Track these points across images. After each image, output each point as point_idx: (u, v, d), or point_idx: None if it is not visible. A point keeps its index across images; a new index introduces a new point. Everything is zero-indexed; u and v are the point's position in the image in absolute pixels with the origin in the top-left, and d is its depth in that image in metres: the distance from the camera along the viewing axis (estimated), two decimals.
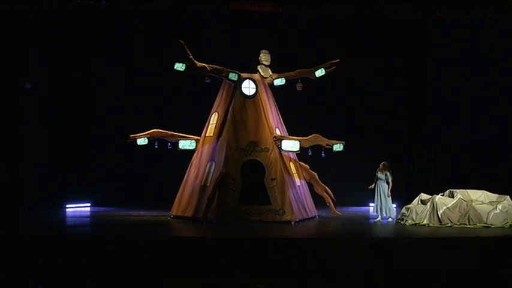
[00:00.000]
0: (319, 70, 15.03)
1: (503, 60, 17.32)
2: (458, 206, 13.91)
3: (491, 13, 15.44)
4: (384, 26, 17.70)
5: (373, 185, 14.49)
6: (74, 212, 16.41)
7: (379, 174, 14.42)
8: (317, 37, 17.82)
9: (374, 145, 17.26)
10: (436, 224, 13.78)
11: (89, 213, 16.31)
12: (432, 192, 14.80)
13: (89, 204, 17.35)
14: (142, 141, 14.73)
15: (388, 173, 14.43)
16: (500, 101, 17.62)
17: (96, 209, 16.90)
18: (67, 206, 16.92)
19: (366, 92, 18.00)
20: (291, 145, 14.38)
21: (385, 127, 17.85)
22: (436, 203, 13.96)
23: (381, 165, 14.48)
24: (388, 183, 14.43)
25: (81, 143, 17.38)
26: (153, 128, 14.87)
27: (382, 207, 14.46)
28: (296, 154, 14.98)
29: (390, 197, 14.50)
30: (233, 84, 14.84)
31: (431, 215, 13.90)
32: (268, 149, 14.31)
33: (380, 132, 17.77)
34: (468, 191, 14.36)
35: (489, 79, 17.48)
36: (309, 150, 14.47)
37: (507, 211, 13.72)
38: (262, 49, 15.21)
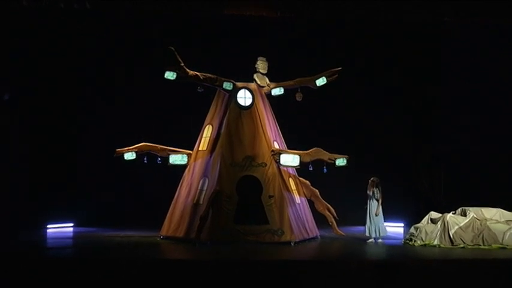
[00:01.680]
0: (320, 79, 15.04)
1: None
2: (472, 225, 13.86)
3: (502, 16, 15.59)
4: (391, 34, 17.87)
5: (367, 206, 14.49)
6: (55, 232, 16.30)
7: (369, 192, 14.41)
8: (317, 44, 17.90)
9: (380, 160, 17.29)
10: (448, 244, 13.73)
11: (71, 233, 16.21)
12: (443, 210, 14.76)
13: (71, 224, 17.26)
14: (129, 155, 14.68)
15: (376, 190, 14.40)
16: None
17: (79, 229, 16.81)
18: (48, 226, 16.81)
19: (371, 103, 18.11)
20: (290, 160, 14.34)
21: (392, 141, 17.92)
22: (447, 222, 13.92)
23: (369, 182, 14.46)
24: (377, 200, 14.41)
25: (63, 158, 17.29)
26: (142, 142, 14.84)
27: (376, 227, 14.38)
28: (296, 169, 14.96)
29: (381, 216, 14.44)
30: (228, 94, 14.84)
31: (442, 235, 13.84)
32: (266, 164, 14.28)
33: (386, 147, 17.83)
34: (482, 208, 14.32)
35: (499, 90, 17.63)
36: (310, 165, 14.44)
37: None
38: (259, 56, 15.23)
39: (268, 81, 15.30)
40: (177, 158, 14.84)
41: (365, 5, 15.86)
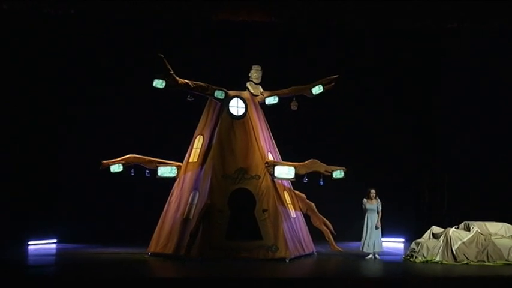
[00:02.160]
0: (317, 87, 15.03)
1: None
2: (476, 240, 13.82)
3: (506, 22, 15.71)
4: (391, 42, 17.97)
5: (363, 222, 14.47)
6: (37, 249, 16.18)
7: (369, 205, 14.40)
8: (313, 50, 17.92)
9: (379, 172, 17.31)
10: (451, 261, 13.69)
11: (54, 250, 16.11)
12: (445, 224, 14.74)
13: (54, 241, 17.15)
14: (116, 168, 14.59)
15: (379, 200, 14.45)
16: None
17: (62, 246, 16.69)
18: (29, 242, 16.66)
19: (370, 114, 18.18)
20: (285, 172, 14.30)
21: (392, 152, 17.97)
22: (450, 237, 13.88)
23: (371, 194, 14.45)
24: (378, 212, 14.42)
25: (45, 171, 17.18)
26: (129, 153, 14.77)
27: (373, 242, 14.35)
28: (291, 182, 14.92)
29: (379, 230, 14.46)
30: (219, 104, 14.81)
31: (445, 251, 13.81)
32: (259, 177, 14.24)
33: (386, 158, 17.87)
34: (486, 223, 14.30)
35: (504, 104, 17.79)
36: (305, 178, 14.39)
37: None
38: (254, 65, 15.22)
39: (261, 90, 15.28)
40: (166, 171, 14.76)
41: (363, 9, 15.89)
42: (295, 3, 16.64)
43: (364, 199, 14.49)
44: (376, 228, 14.35)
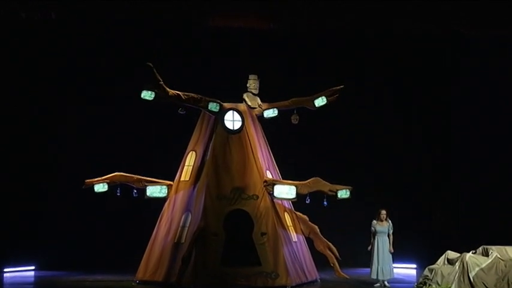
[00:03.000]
0: (319, 99, 14.98)
1: None
2: (495, 266, 13.71)
3: None
4: (400, 50, 18.03)
5: (373, 245, 14.42)
6: (13, 277, 16.13)
7: (379, 227, 14.37)
8: (316, 59, 17.95)
9: (388, 192, 17.31)
10: None
11: (32, 278, 16.07)
12: (461, 249, 14.64)
13: (32, 268, 17.09)
14: (100, 187, 14.50)
15: (390, 222, 14.46)
16: None
17: (42, 273, 16.64)
18: (5, 270, 16.60)
19: (379, 129, 18.19)
20: (286, 191, 14.25)
21: (403, 171, 17.97)
22: (467, 263, 13.75)
23: (381, 215, 14.44)
24: (389, 235, 14.40)
25: (23, 191, 17.08)
26: (115, 171, 14.68)
27: (385, 268, 14.31)
28: (292, 202, 14.88)
29: (390, 255, 14.47)
30: (214, 117, 14.79)
31: (461, 278, 13.67)
32: (258, 197, 14.20)
33: (396, 178, 17.87)
34: (506, 247, 14.16)
35: None
36: (308, 198, 14.33)
37: None
38: (251, 74, 15.19)
39: (259, 102, 15.25)
40: (155, 190, 14.69)
41: (369, 12, 15.95)
42: (295, 9, 16.67)
43: (374, 221, 14.48)
44: (391, 251, 14.32)
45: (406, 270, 17.20)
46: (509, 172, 17.87)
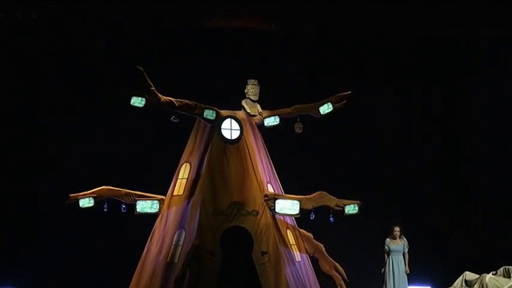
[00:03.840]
0: (325, 105, 14.93)
1: None
2: None
3: None
4: (415, 50, 18.02)
5: (385, 266, 14.38)
6: None
7: (393, 245, 14.35)
8: (322, 62, 17.95)
9: (401, 207, 17.31)
10: None
11: None
12: (480, 269, 14.64)
13: None
14: (86, 202, 14.40)
15: (405, 240, 14.39)
16: None
17: None
18: None
19: (390, 136, 18.17)
20: (289, 206, 14.20)
21: (417, 185, 17.93)
22: (487, 285, 13.77)
23: (394, 232, 14.43)
24: (405, 254, 14.35)
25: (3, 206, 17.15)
26: (102, 185, 14.62)
27: None
28: (295, 219, 14.81)
29: (405, 277, 14.64)
30: (210, 125, 14.74)
31: None
32: (258, 212, 14.13)
33: (410, 192, 17.84)
34: None
35: None
36: (313, 214, 14.26)
37: None
38: (250, 79, 15.14)
39: (260, 109, 15.19)
40: (146, 205, 14.62)
41: (380, 10, 15.98)
42: (298, 8, 16.70)
43: (388, 239, 14.47)
44: (407, 272, 14.32)
45: None
46: None
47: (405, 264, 14.21)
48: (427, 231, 17.66)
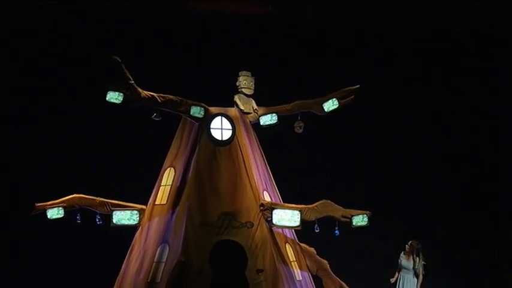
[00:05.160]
0: (330, 102, 14.95)
1: None
2: None
3: None
4: (432, 44, 18.09)
5: (394, 277, 14.42)
6: None
7: (404, 261, 14.45)
8: (325, 52, 17.99)
9: (418, 217, 17.40)
10: None
11: None
12: None
13: None
14: (55, 213, 14.35)
15: (418, 259, 14.43)
16: None
17: None
18: None
19: (405, 137, 18.23)
20: (288, 217, 14.17)
21: (438, 193, 18.00)
22: None
23: (406, 247, 14.45)
24: (417, 274, 14.36)
25: None
26: (73, 193, 14.59)
27: None
28: (295, 231, 14.84)
29: None
30: (197, 124, 14.74)
31: None
32: (252, 224, 14.11)
33: (429, 201, 17.89)
34: None
35: None
36: (316, 226, 14.26)
37: None
38: (242, 70, 15.16)
39: (255, 106, 15.18)
40: (124, 216, 14.60)
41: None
42: None
43: (402, 253, 14.50)
44: None
45: None
46: None
47: (417, 285, 14.22)
48: (447, 249, 17.67)
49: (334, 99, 14.97)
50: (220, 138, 14.64)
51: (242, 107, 15.09)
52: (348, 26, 17.69)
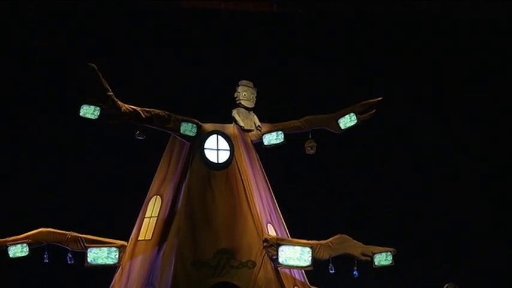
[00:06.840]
0: (347, 117, 14.95)
1: None
2: None
3: None
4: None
5: None
6: None
7: None
8: (340, 57, 17.98)
9: (451, 257, 17.38)
10: None
11: None
12: None
13: None
14: (18, 250, 14.28)
15: None
16: None
17: None
18: None
19: (431, 158, 18.27)
20: (297, 256, 14.17)
21: (476, 225, 17.94)
22: None
23: None
24: None
25: None
26: (40, 227, 14.57)
27: None
28: (305, 272, 14.80)
29: None
30: (189, 144, 14.77)
31: None
32: (254, 264, 14.08)
33: (464, 236, 17.81)
34: None
35: None
36: (330, 265, 14.24)
37: None
38: (241, 79, 15.20)
39: (257, 122, 15.21)
40: (100, 254, 14.52)
41: None
42: None
43: None
44: None
45: None
46: None
47: None
48: None
49: (351, 114, 14.96)
50: (215, 161, 14.67)
51: (242, 124, 15.08)
52: (362, 21, 17.82)
